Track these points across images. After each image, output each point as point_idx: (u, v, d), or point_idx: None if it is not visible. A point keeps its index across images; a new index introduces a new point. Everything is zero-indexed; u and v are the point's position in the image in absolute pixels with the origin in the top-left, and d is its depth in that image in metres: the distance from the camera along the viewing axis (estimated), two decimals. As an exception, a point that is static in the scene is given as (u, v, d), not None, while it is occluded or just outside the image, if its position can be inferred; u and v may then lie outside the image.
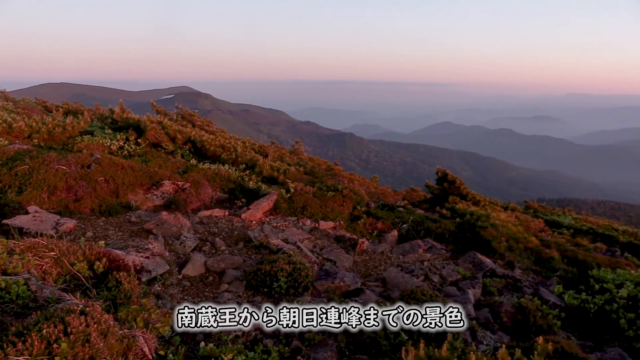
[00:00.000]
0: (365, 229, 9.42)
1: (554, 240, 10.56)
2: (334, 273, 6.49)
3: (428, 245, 8.68)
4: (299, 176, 12.59)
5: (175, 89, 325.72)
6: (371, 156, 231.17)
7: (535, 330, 6.15)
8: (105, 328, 3.54)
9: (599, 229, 15.16)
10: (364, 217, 9.71)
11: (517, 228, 9.31)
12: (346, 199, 9.79)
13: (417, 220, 9.85)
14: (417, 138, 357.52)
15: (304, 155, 18.14)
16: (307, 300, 5.66)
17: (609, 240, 14.32)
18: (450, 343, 4.27)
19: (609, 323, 6.80)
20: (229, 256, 6.85)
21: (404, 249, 8.53)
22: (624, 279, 7.87)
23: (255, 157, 12.86)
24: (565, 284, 8.25)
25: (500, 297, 7.22)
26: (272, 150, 16.06)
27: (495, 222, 9.07)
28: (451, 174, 14.78)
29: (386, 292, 6.64)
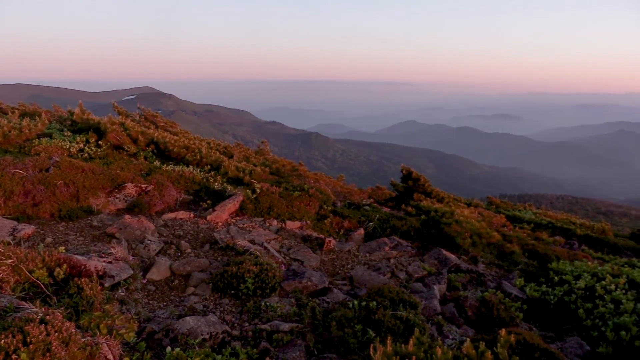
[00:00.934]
0: (332, 228, 9.46)
1: (516, 234, 10.85)
2: (302, 273, 6.49)
3: (394, 243, 8.78)
4: (265, 177, 12.54)
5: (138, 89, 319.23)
6: (337, 155, 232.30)
7: (499, 322, 6.30)
8: (66, 336, 3.44)
9: (558, 223, 15.68)
10: (330, 216, 9.76)
11: (480, 224, 9.53)
12: (312, 199, 9.81)
13: (383, 218, 9.95)
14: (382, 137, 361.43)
15: (270, 155, 18.07)
16: (274, 301, 5.65)
17: (567, 234, 14.83)
18: (417, 338, 4.33)
19: (569, 313, 7.03)
20: (194, 259, 6.76)
21: (371, 247, 8.61)
22: (581, 270, 8.16)
23: (221, 158, 12.74)
24: (527, 276, 8.50)
25: (464, 291, 7.37)
26: (237, 151, 15.94)
27: (459, 219, 9.25)
28: (416, 172, 14.99)
29: (353, 290, 6.69)
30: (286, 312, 5.42)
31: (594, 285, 7.41)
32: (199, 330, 4.60)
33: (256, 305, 5.52)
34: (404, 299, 5.64)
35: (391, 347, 3.97)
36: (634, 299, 6.97)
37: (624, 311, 6.57)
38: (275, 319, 5.21)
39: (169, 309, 5.36)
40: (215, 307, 5.56)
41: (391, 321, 4.97)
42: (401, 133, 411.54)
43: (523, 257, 9.94)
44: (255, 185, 9.99)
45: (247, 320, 5.25)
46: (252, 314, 5.36)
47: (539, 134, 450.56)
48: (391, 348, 3.94)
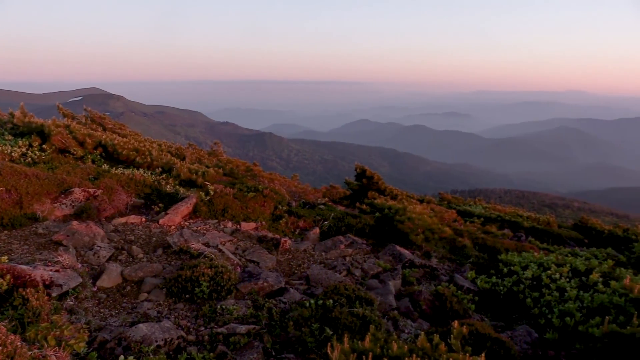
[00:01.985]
0: (287, 228, 9.46)
1: (466, 229, 11.17)
2: (257, 274, 6.46)
3: (349, 241, 8.87)
4: (219, 178, 12.38)
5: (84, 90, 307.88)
6: (292, 155, 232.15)
7: (452, 315, 6.48)
8: (11, 350, 3.29)
9: (506, 216, 16.24)
10: (285, 216, 9.74)
11: (432, 219, 9.75)
12: (267, 199, 9.77)
13: (338, 216, 10.03)
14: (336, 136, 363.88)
15: (223, 156, 17.86)
16: (231, 303, 5.59)
17: (515, 226, 15.38)
18: (373, 334, 4.39)
19: (517, 303, 7.31)
20: (147, 264, 6.60)
21: (326, 245, 8.66)
22: (528, 261, 8.50)
23: (172, 160, 12.48)
24: (478, 269, 8.78)
25: (419, 286, 7.54)
26: (189, 153, 15.66)
27: (412, 215, 9.44)
28: (369, 170, 15.17)
29: (310, 289, 6.71)
30: (243, 314, 5.38)
31: (541, 275, 7.74)
32: (153, 337, 4.50)
33: (212, 308, 5.44)
34: (360, 296, 5.71)
35: (348, 344, 4.01)
36: (577, 286, 7.32)
37: (568, 298, 6.89)
38: (231, 322, 5.16)
39: (121, 317, 5.21)
40: (169, 312, 5.45)
41: (348, 318, 5.02)
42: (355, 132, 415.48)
43: (474, 250, 10.25)
44: (208, 187, 9.86)
45: (203, 324, 5.18)
46: (208, 318, 5.29)
47: (487, 130, 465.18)
48: (348, 345, 3.99)
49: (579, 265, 8.13)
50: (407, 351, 4.02)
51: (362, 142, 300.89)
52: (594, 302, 6.55)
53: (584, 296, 6.82)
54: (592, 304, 6.54)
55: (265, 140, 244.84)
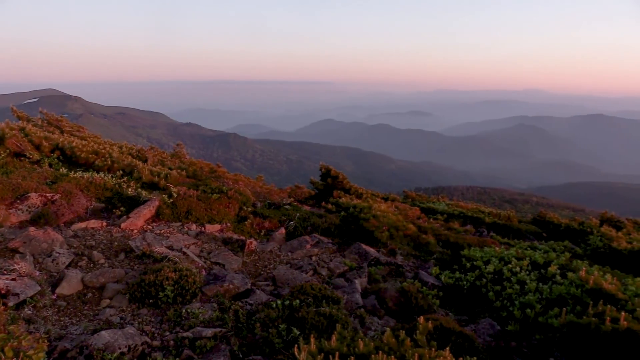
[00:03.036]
0: (252, 229, 9.40)
1: (430, 226, 11.36)
2: (223, 276, 6.40)
3: (315, 240, 8.89)
4: (182, 180, 12.20)
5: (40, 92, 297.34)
6: (256, 156, 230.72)
7: (418, 310, 6.58)
8: (-36, 363, 3.16)
9: (469, 213, 16.60)
10: (250, 217, 9.68)
11: (397, 217, 9.87)
12: (232, 201, 9.69)
13: (304, 216, 10.04)
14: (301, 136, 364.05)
15: (186, 158, 17.59)
16: (196, 307, 5.52)
17: (477, 222, 15.74)
18: (340, 333, 4.42)
19: (480, 297, 7.49)
20: (109, 269, 6.44)
21: (292, 245, 8.65)
22: (490, 255, 8.71)
23: (134, 163, 12.22)
24: (442, 265, 8.94)
25: (385, 283, 7.62)
26: (151, 155, 15.37)
27: (376, 213, 9.53)
28: (334, 169, 15.24)
29: (277, 290, 6.69)
30: (209, 318, 5.32)
31: (502, 268, 7.94)
32: (116, 344, 4.40)
33: (177, 312, 5.36)
34: (327, 295, 5.74)
35: (315, 344, 4.02)
36: (537, 279, 7.55)
37: (528, 291, 7.10)
38: (197, 326, 5.10)
39: (82, 325, 5.08)
40: (133, 318, 5.34)
41: (315, 318, 5.03)
42: (320, 131, 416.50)
43: (438, 246, 10.43)
44: (171, 189, 9.70)
45: (168, 329, 5.09)
46: (173, 322, 5.21)
47: (449, 129, 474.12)
48: (315, 345, 3.99)
49: (538, 259, 8.38)
50: (373, 348, 4.05)
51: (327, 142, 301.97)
52: (552, 294, 6.77)
53: (543, 288, 7.04)
54: (551, 295, 6.76)
55: (230, 141, 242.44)
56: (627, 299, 6.00)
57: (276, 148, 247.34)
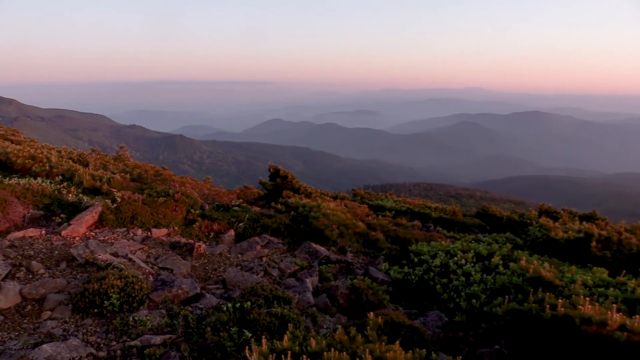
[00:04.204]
0: (201, 232, 9.24)
1: (379, 222, 11.54)
2: (171, 281, 6.26)
3: (265, 241, 8.84)
4: (126, 184, 11.83)
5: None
6: (204, 157, 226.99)
7: (368, 306, 6.68)
8: None
9: (416, 208, 16.99)
10: (199, 220, 9.52)
11: (346, 215, 9.98)
12: (179, 204, 9.48)
13: (253, 217, 9.97)
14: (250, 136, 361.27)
15: (131, 161, 17.07)
16: (144, 314, 5.37)
17: (424, 217, 16.14)
18: (292, 333, 4.42)
19: (428, 290, 7.69)
20: (49, 280, 6.16)
21: (242, 247, 8.57)
22: (436, 249, 8.96)
23: (74, 167, 11.73)
24: (391, 260, 9.11)
25: (335, 281, 7.69)
26: (93, 159, 14.82)
27: (326, 212, 9.60)
28: (283, 169, 15.20)
29: (227, 293, 6.61)
30: (157, 325, 5.19)
31: (448, 262, 8.18)
32: (59, 357, 4.23)
33: (124, 321, 5.20)
34: (278, 296, 5.72)
35: (267, 345, 4.00)
36: (481, 270, 7.83)
37: (473, 282, 7.36)
38: (145, 333, 4.96)
39: (22, 339, 4.83)
40: (77, 329, 5.12)
41: (266, 319, 5.01)
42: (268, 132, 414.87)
43: (386, 242, 10.62)
44: (115, 194, 9.38)
45: (115, 338, 4.93)
46: (120, 331, 5.04)
47: (395, 127, 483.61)
48: (267, 346, 3.98)
49: (481, 251, 8.69)
50: (325, 346, 4.08)
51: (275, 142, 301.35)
52: (496, 284, 7.04)
53: (487, 279, 7.32)
54: (495, 285, 7.04)
55: (176, 143, 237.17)
56: (564, 285, 6.32)
57: (224, 149, 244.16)
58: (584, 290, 6.12)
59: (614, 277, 6.84)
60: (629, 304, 5.71)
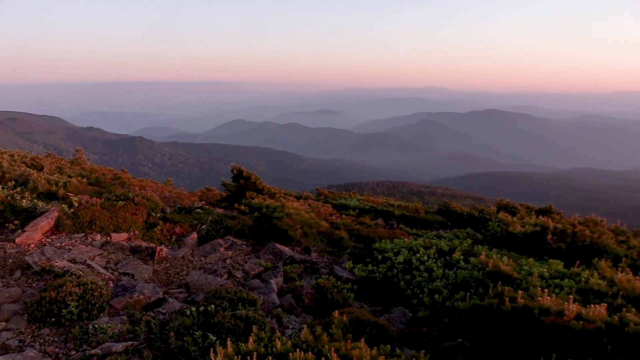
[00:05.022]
0: (163, 236, 9.08)
1: (342, 221, 11.61)
2: (132, 287, 6.12)
3: (229, 243, 8.76)
4: (83, 188, 11.50)
5: None
6: (165, 159, 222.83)
7: (334, 305, 6.71)
8: None
9: (379, 207, 17.17)
10: (160, 223, 9.34)
11: (310, 215, 9.99)
12: (139, 207, 9.28)
13: (216, 219, 9.85)
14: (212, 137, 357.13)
15: (88, 164, 16.60)
16: (104, 321, 5.23)
17: (387, 215, 16.32)
18: (257, 335, 4.40)
19: (392, 287, 7.78)
20: (3, 289, 5.92)
21: (205, 250, 8.47)
22: (400, 247, 9.08)
23: (28, 172, 11.32)
24: (355, 259, 9.18)
25: (300, 281, 7.69)
26: (48, 162, 14.33)
27: (289, 212, 9.59)
28: (246, 170, 15.10)
29: (191, 296, 6.52)
30: (118, 331, 5.07)
31: (411, 258, 8.31)
32: (14, 368, 4.07)
33: (83, 329, 5.05)
34: (243, 298, 5.69)
35: (232, 347, 3.97)
36: (443, 265, 7.99)
37: (436, 277, 7.49)
38: (106, 341, 4.84)
39: (-27, 352, 4.63)
40: (33, 340, 4.95)
41: (231, 322, 4.97)
42: (230, 132, 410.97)
43: (350, 241, 10.70)
44: (72, 198, 9.10)
45: (74, 347, 4.78)
46: (80, 340, 4.90)
47: (358, 126, 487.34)
48: (232, 349, 3.95)
49: (443, 246, 8.86)
50: (291, 347, 4.08)
51: (238, 143, 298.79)
52: (457, 279, 7.19)
53: (449, 274, 7.47)
54: (456, 280, 7.19)
55: (136, 145, 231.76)
56: (522, 278, 6.52)
57: (186, 151, 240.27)
58: (541, 282, 6.32)
59: (569, 269, 7.09)
60: (583, 294, 5.93)
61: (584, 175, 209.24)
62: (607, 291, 5.70)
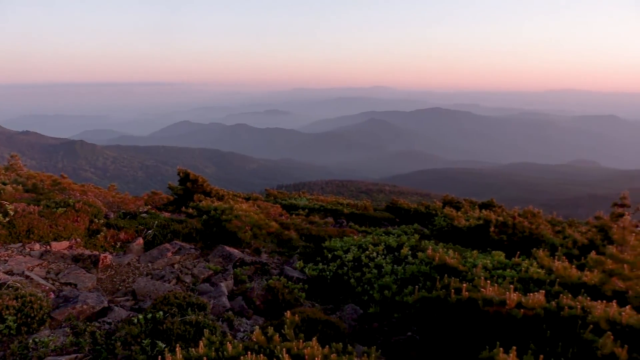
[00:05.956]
0: (107, 242, 8.77)
1: (292, 221, 11.62)
2: (75, 297, 5.88)
3: (177, 247, 8.57)
4: (19, 196, 10.94)
5: None
6: (108, 163, 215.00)
7: (285, 306, 6.70)
8: None
9: (328, 206, 17.29)
10: (104, 229, 9.02)
11: (259, 216, 9.93)
12: (81, 214, 8.92)
13: (163, 224, 9.63)
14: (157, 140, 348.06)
15: (24, 170, 15.81)
16: (45, 334, 5.00)
17: (336, 214, 16.46)
18: (208, 339, 4.34)
19: (343, 284, 7.87)
20: None
21: (152, 255, 8.25)
22: (349, 244, 9.18)
23: (-44, 180, 10.66)
24: (305, 258, 9.20)
25: (251, 283, 7.63)
26: (-21, 170, 13.53)
27: (238, 214, 9.49)
28: (193, 172, 14.81)
29: (138, 304, 6.34)
30: (61, 344, 4.86)
31: (360, 256, 8.42)
32: (-54, 389, 3.82)
33: (22, 344, 4.81)
34: (192, 302, 5.58)
35: (181, 354, 3.90)
36: (392, 261, 8.14)
37: (385, 273, 7.63)
38: (48, 355, 4.63)
39: None
40: (-34, 358, 4.67)
41: (181, 327, 4.87)
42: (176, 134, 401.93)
43: (301, 241, 10.72)
44: (7, 206, 8.63)
45: (13, 364, 4.55)
46: (19, 356, 4.66)
47: (306, 126, 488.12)
48: (181, 355, 3.88)
49: (391, 243, 9.04)
50: (242, 349, 4.05)
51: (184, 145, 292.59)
52: (406, 274, 7.36)
53: (398, 269, 7.62)
54: (405, 275, 7.35)
55: (76, 149, 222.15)
56: (467, 270, 6.75)
57: (130, 154, 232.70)
58: (485, 273, 6.56)
59: (510, 259, 7.41)
60: (524, 283, 6.21)
61: (522, 169, 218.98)
62: (546, 279, 5.99)
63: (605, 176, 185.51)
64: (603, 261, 5.69)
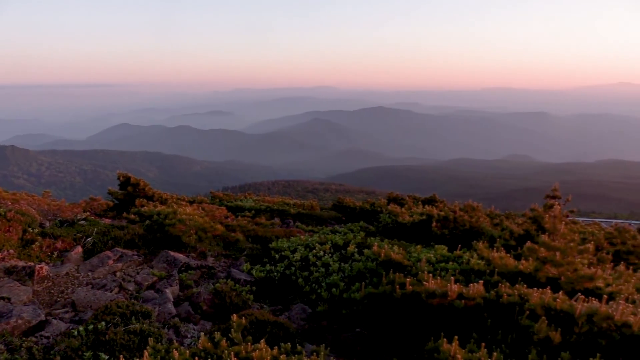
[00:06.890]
0: (42, 253, 8.36)
1: (238, 223, 11.50)
2: (9, 312, 5.57)
3: (118, 255, 8.29)
4: (-57, 207, 10.22)
5: None
6: (42, 169, 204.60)
7: (233, 309, 6.63)
8: None
9: (275, 206, 17.23)
10: (39, 239, 8.59)
11: (204, 219, 9.77)
12: (12, 223, 8.46)
13: (103, 230, 9.29)
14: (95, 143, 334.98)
15: (-52, 179, 14.79)
16: (-24, 353, 4.72)
17: (283, 214, 16.44)
18: (153, 347, 4.23)
19: (291, 284, 7.87)
20: None
21: (92, 264, 7.94)
22: (296, 244, 9.20)
23: None
24: (252, 260, 9.14)
25: (197, 287, 7.50)
26: None
27: (182, 217, 9.30)
28: (134, 176, 14.37)
29: (78, 315, 6.09)
30: (-6, 362, 4.60)
31: (308, 255, 8.46)
32: None
33: (-51, 365, 4.52)
34: (136, 311, 5.43)
35: (125, 364, 3.78)
36: (339, 259, 8.23)
37: (332, 272, 7.70)
38: (-21, 374, 4.37)
39: None
40: None
41: (124, 337, 4.73)
42: (115, 137, 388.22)
43: (247, 242, 10.63)
44: None
45: (-61, 386, 4.26)
46: (-54, 378, 4.38)
47: (250, 127, 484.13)
48: (125, 365, 3.76)
49: (338, 241, 9.13)
50: (189, 356, 3.99)
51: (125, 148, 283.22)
52: (353, 271, 7.45)
53: (345, 267, 7.71)
54: (352, 272, 7.44)
55: (7, 155, 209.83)
56: (412, 264, 6.91)
57: (66, 159, 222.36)
58: (428, 267, 6.75)
59: (453, 252, 7.66)
60: (466, 274, 6.43)
61: (462, 165, 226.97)
62: (485, 270, 6.23)
63: (538, 169, 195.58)
64: (537, 250, 5.99)
